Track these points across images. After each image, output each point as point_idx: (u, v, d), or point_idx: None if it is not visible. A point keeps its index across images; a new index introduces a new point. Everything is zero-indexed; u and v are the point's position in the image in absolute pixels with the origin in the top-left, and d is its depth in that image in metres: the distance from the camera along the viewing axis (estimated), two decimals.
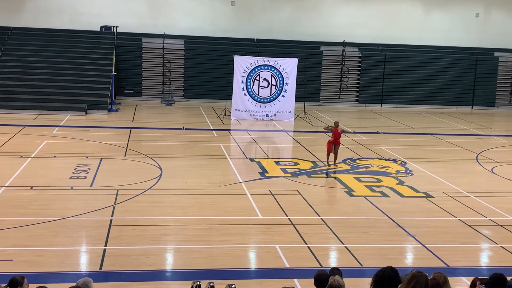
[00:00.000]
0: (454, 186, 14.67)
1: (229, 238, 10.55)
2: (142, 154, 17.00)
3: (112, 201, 12.34)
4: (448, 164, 17.62)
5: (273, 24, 30.78)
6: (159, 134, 20.85)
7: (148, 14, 30.18)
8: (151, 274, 8.94)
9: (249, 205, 12.51)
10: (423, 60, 31.32)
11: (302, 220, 11.67)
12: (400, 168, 16.67)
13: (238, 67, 24.51)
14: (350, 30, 31.16)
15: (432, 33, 32.16)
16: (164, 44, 29.41)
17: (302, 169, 16.11)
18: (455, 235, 11.19)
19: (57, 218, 11.12)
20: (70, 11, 29.31)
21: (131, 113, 25.20)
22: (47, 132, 19.89)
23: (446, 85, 31.29)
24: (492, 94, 32.11)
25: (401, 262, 9.82)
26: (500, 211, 12.71)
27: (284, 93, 24.83)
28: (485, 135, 23.42)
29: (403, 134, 22.93)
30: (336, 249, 10.36)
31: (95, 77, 26.46)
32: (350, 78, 31.16)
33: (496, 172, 16.66)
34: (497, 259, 10.18)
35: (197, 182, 14.21)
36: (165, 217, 11.64)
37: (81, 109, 24.10)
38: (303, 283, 8.44)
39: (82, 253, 9.86)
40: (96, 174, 14.53)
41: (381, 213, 12.32)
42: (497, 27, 32.81)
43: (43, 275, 8.69)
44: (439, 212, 12.51)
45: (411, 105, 30.76)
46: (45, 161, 15.86)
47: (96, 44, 28.33)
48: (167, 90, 29.47)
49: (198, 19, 30.47)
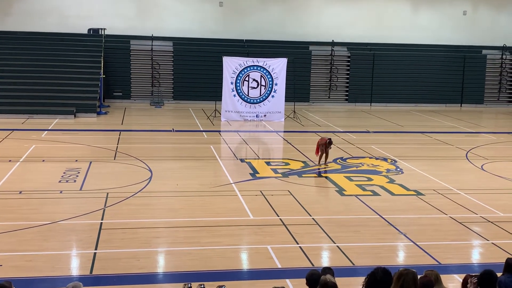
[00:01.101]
0: (444, 184, 14.71)
1: (220, 239, 10.50)
2: (132, 157, 16.91)
3: (102, 205, 12.26)
4: (438, 161, 17.68)
5: (261, 25, 30.77)
6: (148, 137, 20.77)
7: (136, 16, 30.07)
8: (142, 277, 8.87)
9: (240, 206, 12.47)
10: (412, 58, 31.43)
11: (293, 220, 11.65)
12: (391, 166, 16.70)
13: (227, 68, 24.46)
14: (338, 30, 31.22)
15: (420, 32, 32.29)
16: (153, 46, 29.32)
17: (293, 169, 16.09)
18: (446, 233, 11.20)
19: (46, 223, 11.03)
20: (57, 14, 29.12)
21: (120, 116, 25.08)
22: (36, 136, 19.75)
23: (435, 83, 31.42)
24: (481, 92, 32.29)
25: (392, 260, 9.82)
26: (490, 208, 12.75)
27: (273, 94, 24.81)
28: (475, 132, 23.53)
29: (393, 132, 22.99)
30: (327, 248, 10.34)
31: (83, 80, 26.31)
32: (340, 77, 31.22)
33: (486, 169, 16.73)
34: (489, 256, 10.21)
35: (187, 184, 14.15)
36: (155, 219, 11.57)
37: (69, 112, 23.94)
38: (295, 283, 8.42)
39: (72, 257, 9.77)
40: (86, 178, 14.43)
41: (372, 211, 12.32)
42: (485, 25, 32.99)
43: (33, 280, 8.61)
44: (430, 210, 12.54)
45: (400, 104, 30.86)
46: (34, 165, 15.74)
47: (84, 47, 28.18)
48: (156, 92, 29.38)
49: (187, 21, 30.40)
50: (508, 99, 32.91)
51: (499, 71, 32.58)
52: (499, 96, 32.70)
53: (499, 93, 32.67)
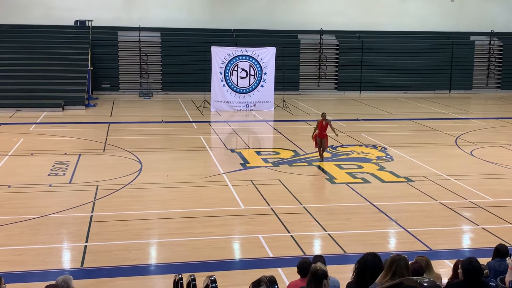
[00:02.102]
0: (434, 170, 14.76)
1: (212, 229, 10.49)
2: (121, 149, 16.83)
3: (92, 197, 12.20)
4: (428, 148, 17.73)
5: (249, 14, 30.63)
6: (138, 128, 20.67)
7: (122, 7, 29.82)
8: (134, 269, 8.85)
9: (231, 196, 12.46)
10: (400, 46, 31.43)
11: (284, 209, 11.65)
12: (381, 154, 16.73)
13: (216, 58, 24.35)
14: (327, 18, 31.13)
15: (409, 19, 32.27)
16: (140, 37, 29.11)
17: (283, 158, 16.08)
18: (437, 219, 11.26)
19: (36, 216, 10.96)
20: (43, 6, 28.82)
21: (109, 108, 24.94)
22: (24, 130, 19.60)
23: (424, 70, 31.49)
24: (469, 78, 32.38)
25: (384, 247, 9.86)
26: (480, 193, 12.82)
27: (263, 83, 24.75)
28: (464, 118, 23.62)
29: (382, 120, 23.03)
30: (319, 236, 10.36)
31: (71, 72, 26.12)
32: (329, 66, 31.17)
33: (475, 154, 16.81)
34: (479, 241, 10.27)
35: (178, 175, 14.11)
36: (146, 211, 11.54)
37: (57, 105, 23.77)
38: (287, 272, 8.43)
39: (63, 250, 9.73)
40: (75, 171, 14.35)
41: (363, 199, 12.35)
42: (473, 11, 33.03)
43: (24, 274, 8.56)
44: (420, 196, 12.59)
45: (389, 91, 30.89)
46: (22, 159, 15.62)
47: (71, 39, 27.92)
48: (145, 84, 29.21)
49: (174, 11, 30.18)
50: (496, 85, 33.03)
51: (487, 57, 32.67)
52: (487, 82, 32.82)
53: (487, 79, 32.78)
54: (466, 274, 5.76)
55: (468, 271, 5.74)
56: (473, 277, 5.72)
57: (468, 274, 5.74)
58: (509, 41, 32.85)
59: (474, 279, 5.72)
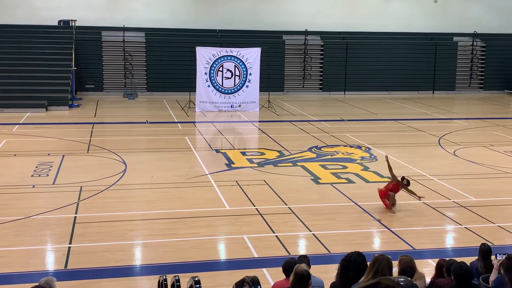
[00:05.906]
0: (417, 170, 14.88)
1: (197, 230, 10.48)
2: (105, 150, 16.74)
3: (75, 198, 12.12)
4: (411, 148, 17.87)
5: (234, 14, 30.62)
6: (122, 129, 20.57)
7: (106, 7, 29.64)
8: (118, 270, 8.81)
9: (216, 197, 12.45)
10: (384, 46, 31.62)
11: (269, 209, 11.68)
12: (365, 154, 16.83)
13: (201, 58, 24.32)
14: (311, 19, 31.23)
15: (393, 20, 32.47)
16: (124, 37, 28.97)
17: (268, 159, 16.11)
18: (420, 218, 11.35)
19: (19, 218, 10.87)
20: (26, 6, 28.54)
21: (93, 108, 24.79)
22: (7, 130, 19.41)
23: (407, 70, 31.70)
24: (452, 78, 32.66)
25: (368, 247, 9.92)
26: (463, 193, 12.95)
27: (248, 84, 24.75)
28: (447, 118, 23.82)
29: (366, 120, 23.16)
30: (304, 236, 10.40)
31: (54, 72, 25.90)
32: (313, 66, 31.26)
33: (458, 154, 16.96)
34: (462, 240, 10.38)
35: (162, 176, 14.07)
36: (131, 212, 11.49)
37: (41, 105, 23.57)
38: (272, 272, 8.45)
39: (47, 252, 9.66)
40: (59, 171, 14.25)
41: (347, 199, 12.42)
42: (455, 12, 33.33)
43: (7, 276, 8.49)
44: (404, 196, 12.65)
45: (374, 92, 31.05)
46: (5, 160, 15.47)
47: (54, 39, 27.70)
48: (129, 84, 29.08)
49: (158, 11, 30.08)
50: (479, 86, 33.34)
51: (470, 58, 32.98)
52: (470, 83, 33.13)
53: (470, 79, 33.09)
54: (457, 279, 5.85)
55: (460, 276, 5.83)
56: (465, 281, 5.82)
57: (459, 278, 5.83)
58: (491, 42, 33.21)
59: (466, 283, 5.82)
